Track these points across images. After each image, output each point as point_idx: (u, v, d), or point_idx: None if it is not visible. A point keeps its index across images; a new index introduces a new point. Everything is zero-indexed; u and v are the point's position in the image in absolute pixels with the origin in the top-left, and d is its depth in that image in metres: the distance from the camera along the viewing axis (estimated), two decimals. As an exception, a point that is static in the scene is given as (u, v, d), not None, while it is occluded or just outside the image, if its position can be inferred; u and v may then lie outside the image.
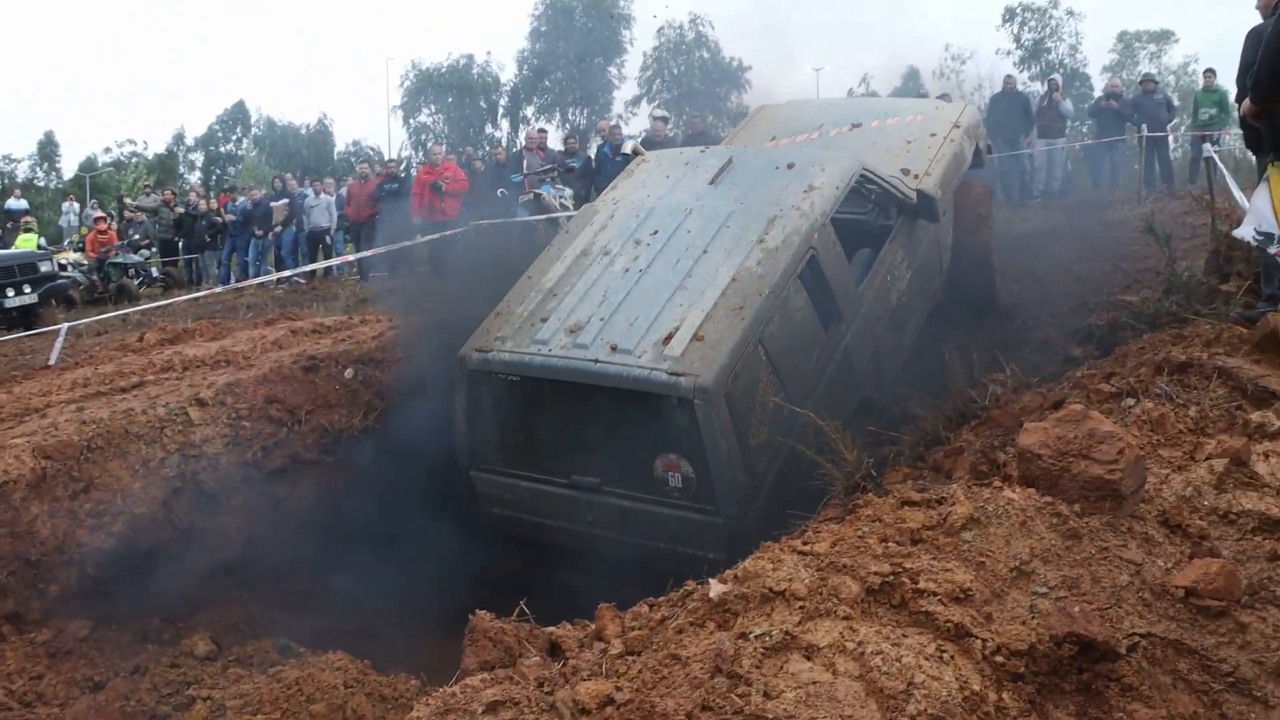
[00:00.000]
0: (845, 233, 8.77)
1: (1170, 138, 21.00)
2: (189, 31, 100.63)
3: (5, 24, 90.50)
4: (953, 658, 3.16)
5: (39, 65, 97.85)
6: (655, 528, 7.48)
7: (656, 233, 8.48)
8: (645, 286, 7.94)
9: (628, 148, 10.41)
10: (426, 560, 8.34)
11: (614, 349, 7.42)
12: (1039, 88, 22.53)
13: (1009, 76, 22.29)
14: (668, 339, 7.30)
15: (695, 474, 7.21)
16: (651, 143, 18.74)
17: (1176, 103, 24.32)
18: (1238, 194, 9.49)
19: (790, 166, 8.93)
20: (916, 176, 10.21)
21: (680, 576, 5.00)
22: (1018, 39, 53.41)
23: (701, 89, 51.30)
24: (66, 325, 13.49)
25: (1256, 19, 7.01)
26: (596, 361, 7.40)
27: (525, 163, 18.71)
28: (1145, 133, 19.58)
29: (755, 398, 7.39)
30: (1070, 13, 52.44)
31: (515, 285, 8.53)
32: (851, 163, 9.15)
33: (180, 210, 26.15)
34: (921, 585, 3.40)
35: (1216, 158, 11.92)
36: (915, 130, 11.36)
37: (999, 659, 3.23)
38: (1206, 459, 4.61)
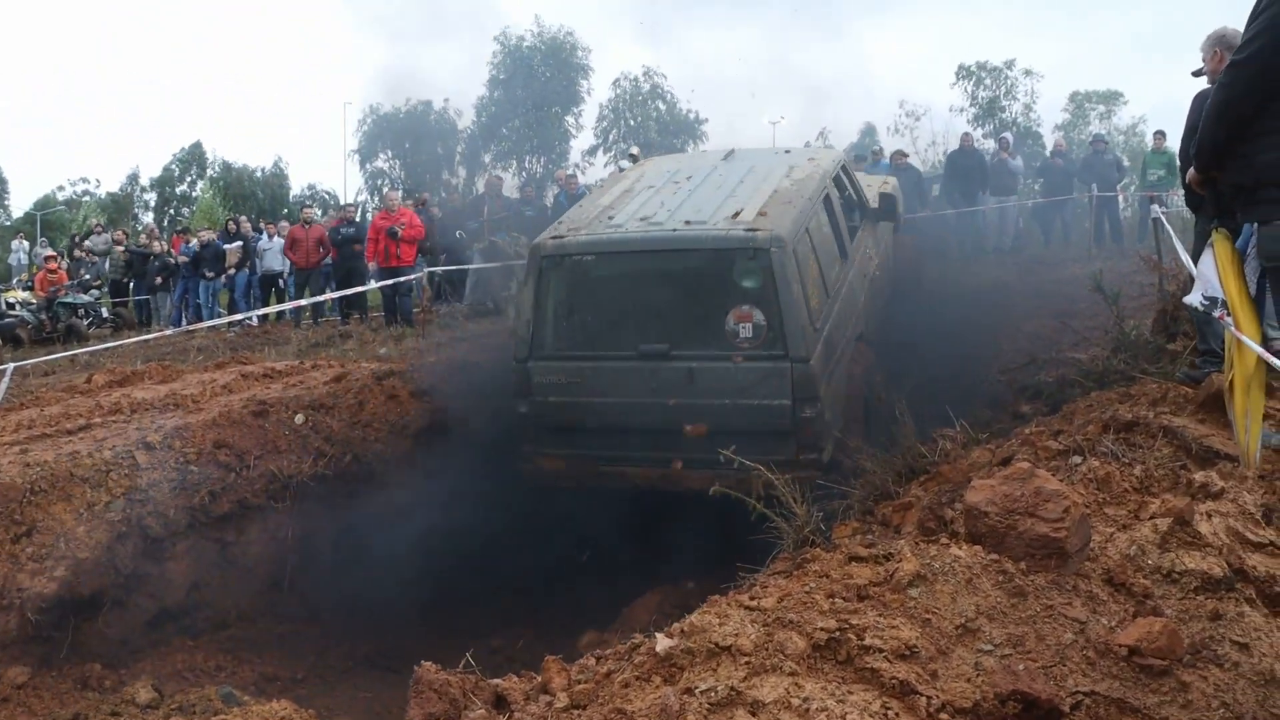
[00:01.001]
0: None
1: (1120, 197, 21.36)
2: (145, 71, 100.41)
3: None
4: (898, 715, 3.17)
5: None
6: (723, 383, 8.09)
7: (690, 177, 9.68)
8: (699, 197, 8.98)
9: (634, 150, 11.92)
10: (372, 606, 8.29)
11: (688, 222, 8.38)
12: (991, 145, 22.83)
13: (966, 134, 22.62)
14: (735, 215, 8.34)
15: (767, 321, 7.98)
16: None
17: (1126, 163, 24.75)
18: (1184, 256, 9.65)
19: (787, 152, 10.62)
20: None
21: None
22: (973, 97, 54.17)
23: (658, 140, 51.67)
24: (13, 365, 13.29)
25: (1202, 83, 7.16)
26: (675, 231, 8.32)
27: (485, 209, 18.75)
28: (1095, 192, 19.91)
29: (810, 267, 8.35)
30: (1028, 72, 53.27)
31: (569, 211, 9.64)
32: (837, 153, 10.84)
33: (124, 251, 25.88)
34: (867, 641, 3.41)
35: (1164, 219, 12.11)
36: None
37: (944, 716, 3.24)
38: (1151, 518, 4.65)
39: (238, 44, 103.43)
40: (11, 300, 21.72)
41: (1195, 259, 6.67)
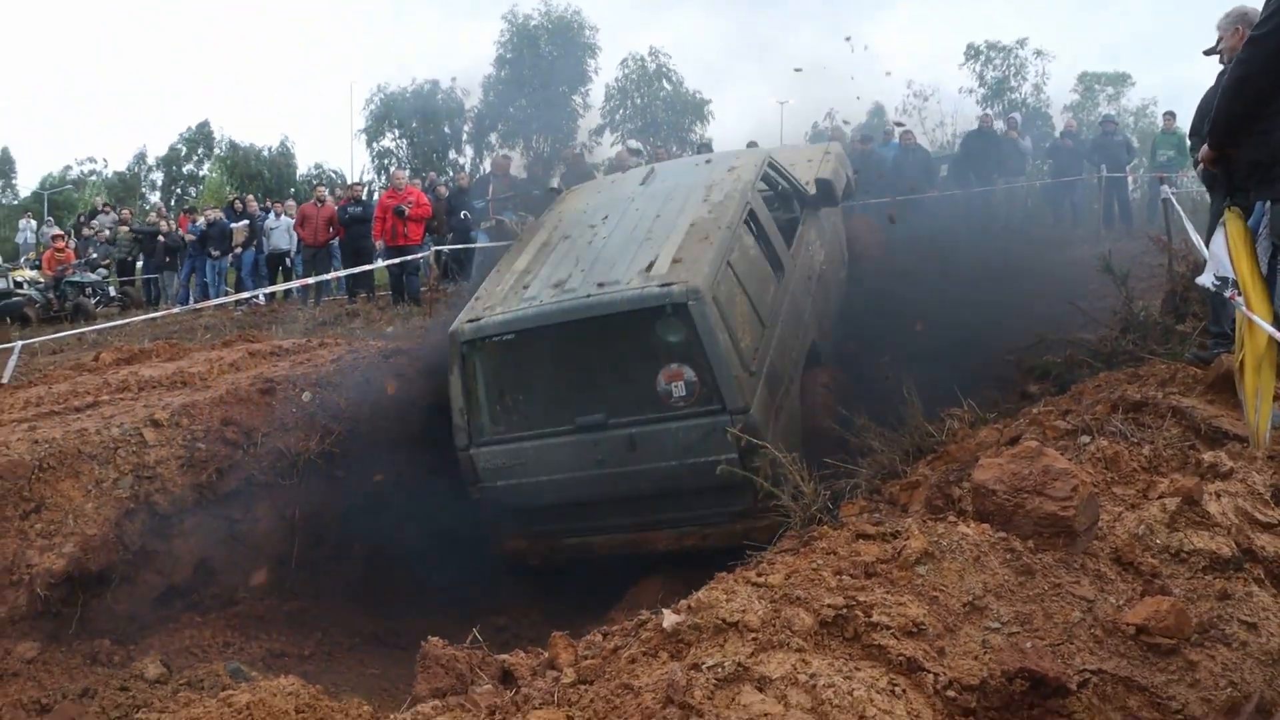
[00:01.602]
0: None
1: (1129, 179, 21.25)
2: (152, 51, 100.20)
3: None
4: (905, 691, 3.17)
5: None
6: (665, 446, 7.72)
7: (607, 217, 9.25)
8: (613, 246, 8.56)
9: (554, 182, 11.37)
10: (380, 582, 8.31)
11: (601, 285, 7.93)
12: (1000, 126, 22.70)
13: (985, 115, 22.42)
14: (649, 267, 7.92)
15: (698, 377, 7.62)
16: (618, 171, 18.88)
17: (1135, 144, 24.66)
18: (1194, 236, 9.61)
19: (708, 161, 10.16)
20: (809, 181, 11.36)
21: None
22: (981, 77, 53.92)
23: (666, 119, 51.53)
24: (21, 343, 13.33)
25: (1209, 67, 7.13)
26: (589, 296, 7.86)
27: (490, 188, 18.72)
28: (1105, 173, 19.81)
29: (734, 308, 7.92)
30: (1038, 52, 53.00)
31: (485, 279, 9.08)
32: (760, 152, 10.51)
33: (130, 231, 25.88)
34: (875, 618, 3.41)
35: (1174, 199, 12.07)
36: (794, 156, 12.93)
37: (951, 693, 3.24)
38: (1159, 498, 4.64)
39: (244, 24, 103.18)
40: (19, 279, 21.72)
41: (1209, 238, 6.63)
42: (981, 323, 10.81)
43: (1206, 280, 6.24)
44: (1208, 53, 7.10)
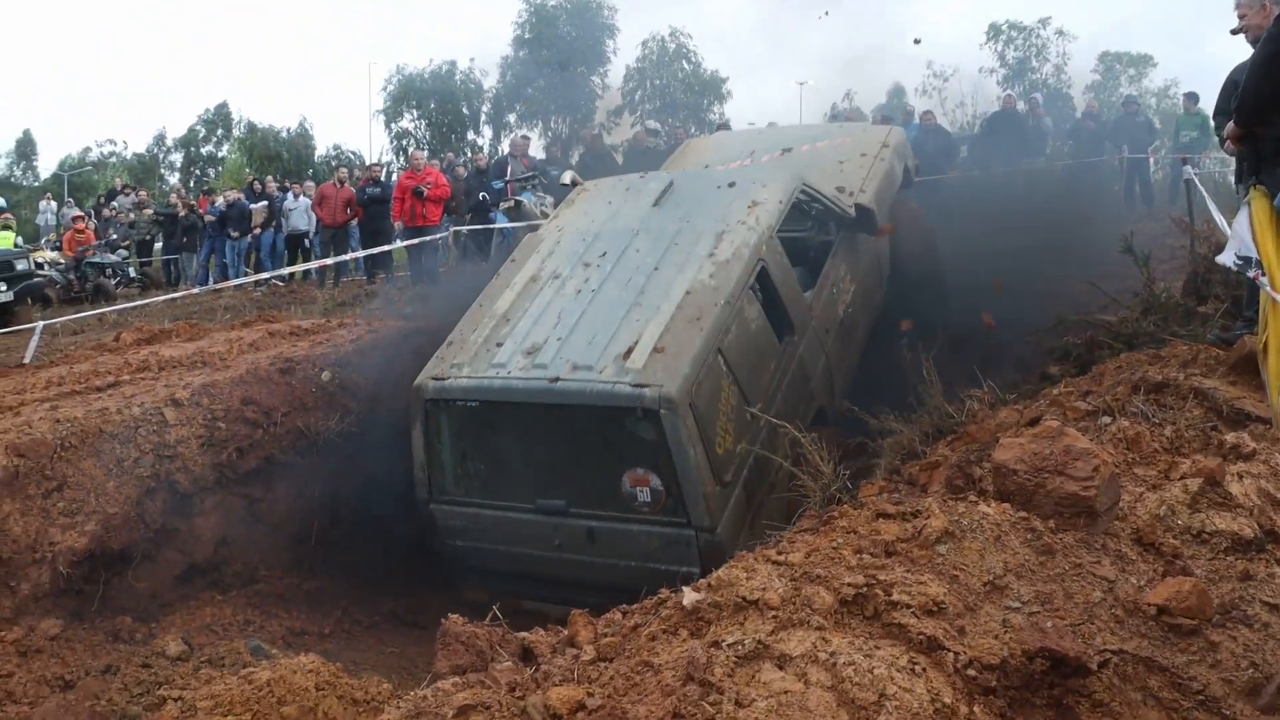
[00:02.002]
0: (787, 250, 8.86)
1: (1151, 160, 21.12)
2: (171, 33, 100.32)
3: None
4: (925, 670, 3.17)
5: (18, 63, 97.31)
6: (626, 546, 7.28)
7: (605, 254, 8.46)
8: (600, 305, 7.86)
9: (566, 178, 10.30)
10: (400, 561, 8.33)
11: (574, 367, 7.31)
12: (1022, 106, 22.59)
13: (1009, 95, 22.28)
14: (628, 353, 7.22)
15: (664, 486, 7.06)
16: (636, 152, 18.81)
17: (1158, 125, 24.51)
18: (1217, 217, 9.55)
19: (731, 185, 9.00)
20: (852, 194, 10.40)
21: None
22: (1002, 57, 53.61)
23: (684, 100, 51.42)
24: (42, 323, 13.41)
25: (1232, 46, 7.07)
26: (557, 380, 7.27)
27: (508, 169, 18.72)
28: (1126, 154, 19.70)
29: (718, 406, 7.31)
30: (1060, 32, 52.66)
31: (466, 314, 8.47)
32: (791, 179, 9.29)
33: (152, 213, 26.01)
34: (895, 597, 3.41)
35: (1196, 180, 12.00)
36: (846, 151, 11.74)
37: (971, 672, 3.24)
38: (1181, 478, 4.63)
39: (263, 4, 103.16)
40: (40, 260, 21.81)
41: None
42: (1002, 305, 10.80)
43: (1228, 259, 6.21)
44: (1234, 31, 7.05)
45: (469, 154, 35.75)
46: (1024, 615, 3.51)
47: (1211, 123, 8.91)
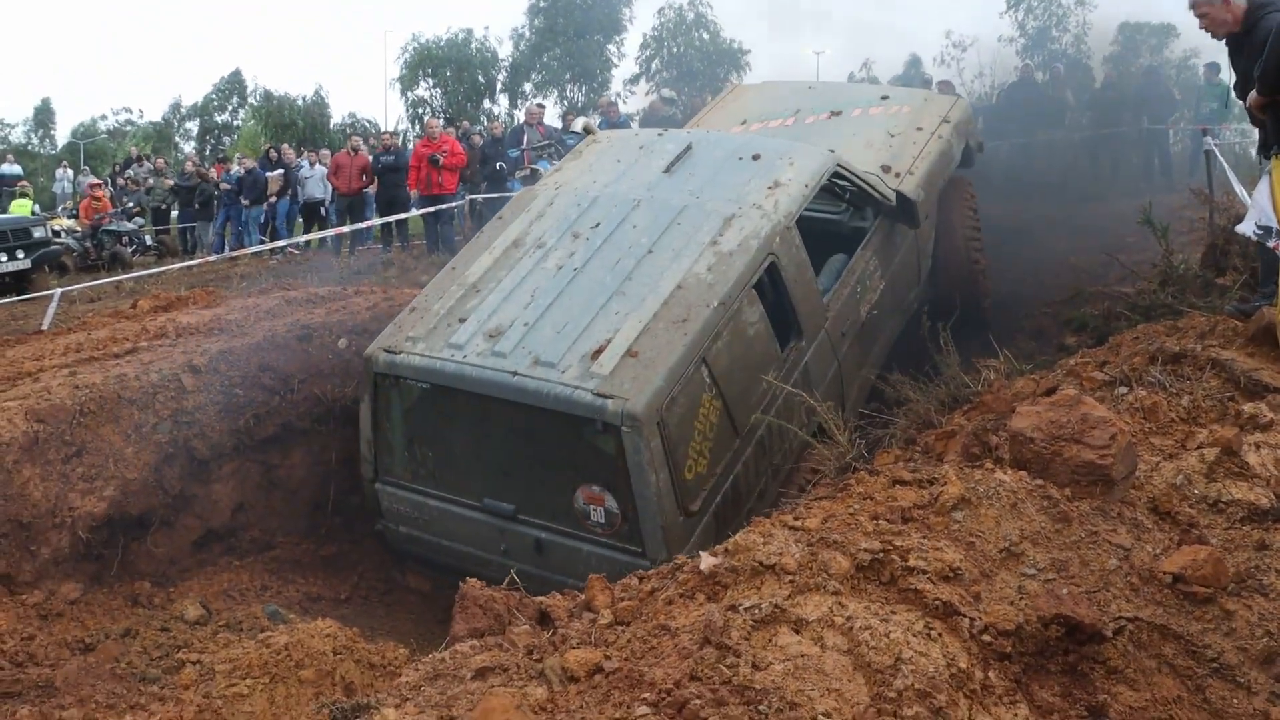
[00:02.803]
0: (814, 233, 8.18)
1: (1170, 131, 20.95)
2: (186, 1, 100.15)
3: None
4: (940, 635, 3.18)
5: (35, 31, 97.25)
6: (575, 564, 6.55)
7: (598, 226, 7.70)
8: (579, 288, 7.15)
9: (578, 125, 9.41)
10: None
11: (536, 361, 6.63)
12: (1040, 77, 22.42)
13: (1026, 64, 22.07)
14: (597, 353, 6.54)
15: (620, 510, 6.41)
16: (652, 121, 18.75)
17: (1178, 96, 24.29)
18: (1237, 187, 9.50)
19: (756, 158, 8.09)
20: (898, 175, 9.46)
21: None
22: (1022, 26, 53.17)
23: (701, 69, 51.15)
24: (60, 290, 13.47)
25: None
26: (515, 374, 6.60)
27: (524, 138, 18.68)
28: (1146, 125, 19.55)
29: (694, 425, 6.55)
30: (1080, 1, 52.14)
31: (436, 276, 7.98)
32: (824, 159, 8.29)
33: (168, 181, 26.07)
34: (911, 563, 3.42)
35: (1217, 151, 11.93)
36: (901, 123, 10.55)
37: (986, 638, 3.25)
38: (1198, 448, 4.63)
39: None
40: (57, 228, 21.84)
41: None
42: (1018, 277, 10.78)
43: (1248, 229, 6.18)
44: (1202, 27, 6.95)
45: (485, 122, 35.66)
46: (1040, 582, 3.52)
47: (1232, 93, 8.84)
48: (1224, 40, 6.54)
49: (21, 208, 22.03)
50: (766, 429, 6.96)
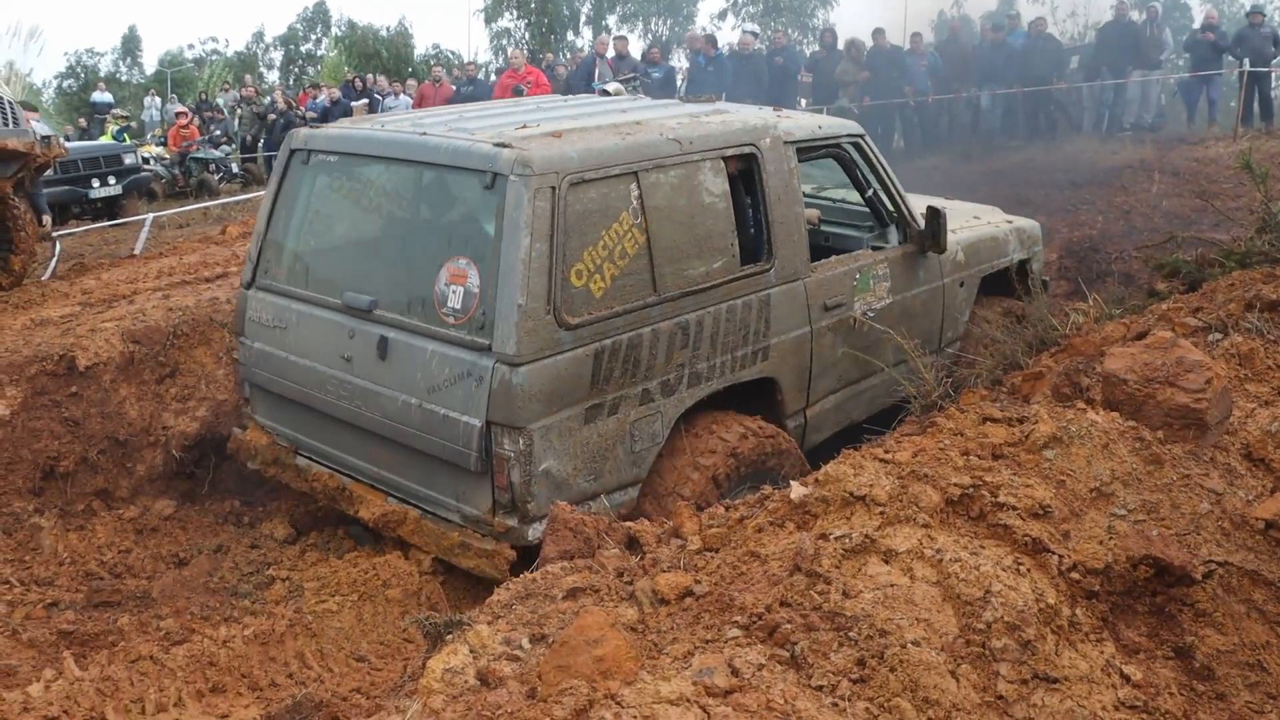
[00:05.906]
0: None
1: (1273, 74, 20.32)
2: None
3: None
4: (1029, 571, 3.19)
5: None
6: (413, 370, 5.57)
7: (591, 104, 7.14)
8: (539, 114, 6.34)
9: (611, 88, 9.02)
10: None
11: (452, 129, 5.86)
12: (1140, 16, 21.84)
13: (1121, 2, 21.48)
14: (522, 127, 5.75)
15: (480, 288, 5.31)
16: (739, 56, 18.59)
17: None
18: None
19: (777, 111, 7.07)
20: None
21: None
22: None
23: (788, 5, 50.47)
24: (151, 216, 13.72)
25: None
26: (424, 134, 5.82)
27: (596, 72, 18.52)
28: (1247, 68, 18.97)
29: (601, 233, 5.43)
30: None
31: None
32: (845, 125, 7.22)
33: (257, 109, 26.33)
34: (1001, 499, 3.42)
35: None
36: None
37: (1075, 575, 3.26)
38: (1294, 395, 4.56)
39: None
40: (146, 155, 22.17)
41: None
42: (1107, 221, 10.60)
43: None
44: None
45: (568, 55, 35.51)
46: (1130, 523, 3.50)
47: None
48: None
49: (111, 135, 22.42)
50: (699, 325, 5.84)
